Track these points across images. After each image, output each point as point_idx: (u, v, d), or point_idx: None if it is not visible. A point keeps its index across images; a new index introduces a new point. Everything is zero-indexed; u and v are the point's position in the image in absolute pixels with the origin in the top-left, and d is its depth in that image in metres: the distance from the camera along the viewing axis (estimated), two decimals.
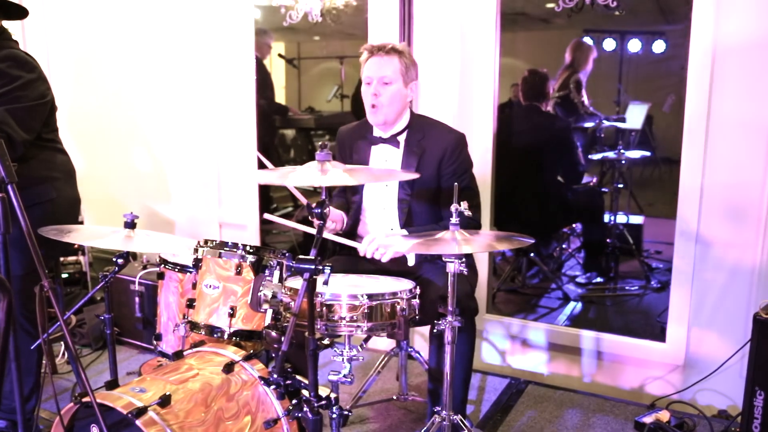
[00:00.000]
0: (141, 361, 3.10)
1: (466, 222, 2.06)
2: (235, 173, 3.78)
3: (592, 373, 3.14)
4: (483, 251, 3.08)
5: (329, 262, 2.40)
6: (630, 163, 4.35)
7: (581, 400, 2.92)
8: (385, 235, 2.38)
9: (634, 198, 4.55)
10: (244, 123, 3.69)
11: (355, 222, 2.59)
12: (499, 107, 3.22)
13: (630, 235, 4.29)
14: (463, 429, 2.20)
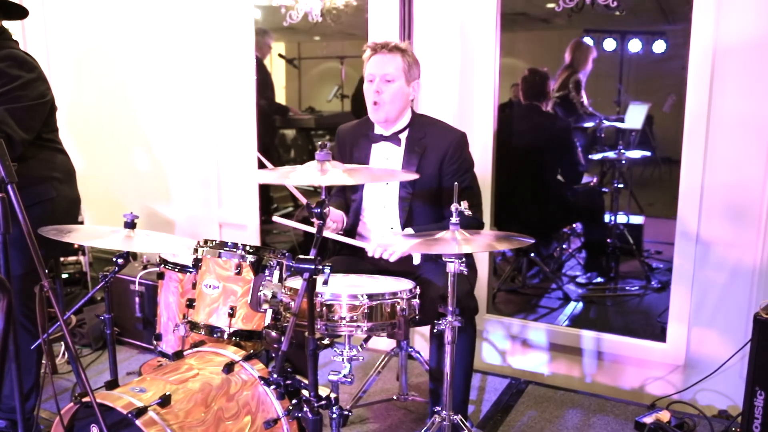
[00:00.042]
0: (141, 361, 3.10)
1: (468, 222, 2.06)
2: (236, 173, 3.78)
3: (592, 373, 3.14)
4: (483, 251, 3.08)
5: (329, 262, 2.40)
6: (630, 163, 4.34)
7: (582, 400, 2.92)
8: (393, 234, 2.38)
9: (634, 198, 4.55)
10: (244, 123, 3.69)
11: (355, 221, 2.58)
12: (500, 107, 3.22)
13: (630, 235, 4.28)
14: (463, 429, 2.20)
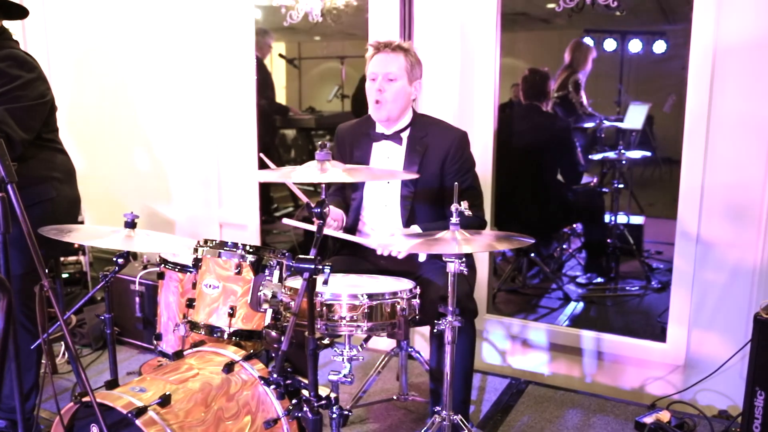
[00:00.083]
0: (141, 361, 3.10)
1: (470, 221, 2.05)
2: (236, 173, 3.78)
3: (592, 374, 3.14)
4: (483, 251, 3.08)
5: (329, 261, 2.39)
6: (630, 163, 4.34)
7: (582, 400, 2.92)
8: (402, 232, 2.38)
9: (634, 198, 4.54)
10: (244, 123, 3.69)
11: (355, 219, 2.58)
12: (500, 107, 3.22)
13: (630, 236, 4.28)
14: (464, 429, 2.20)
